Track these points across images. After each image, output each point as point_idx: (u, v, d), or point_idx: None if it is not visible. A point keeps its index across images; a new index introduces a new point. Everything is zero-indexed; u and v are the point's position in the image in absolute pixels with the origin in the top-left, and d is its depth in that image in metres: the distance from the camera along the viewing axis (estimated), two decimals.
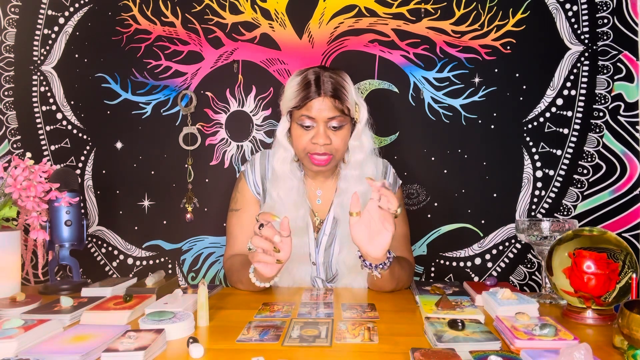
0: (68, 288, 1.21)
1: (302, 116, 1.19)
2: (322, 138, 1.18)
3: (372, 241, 1.02)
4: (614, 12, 1.52)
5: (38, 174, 1.18)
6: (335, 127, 1.20)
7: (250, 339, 0.83)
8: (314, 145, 1.20)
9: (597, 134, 1.53)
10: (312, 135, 1.20)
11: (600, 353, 0.75)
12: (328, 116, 1.18)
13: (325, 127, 1.19)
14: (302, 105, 1.19)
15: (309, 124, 1.20)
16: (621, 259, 0.90)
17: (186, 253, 1.68)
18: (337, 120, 1.19)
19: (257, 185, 1.32)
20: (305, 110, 1.19)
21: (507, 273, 1.58)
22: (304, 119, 1.19)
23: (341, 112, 1.19)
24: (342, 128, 1.21)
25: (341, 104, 1.18)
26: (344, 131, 1.22)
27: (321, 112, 1.18)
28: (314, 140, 1.19)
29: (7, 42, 1.72)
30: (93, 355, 0.74)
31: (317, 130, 1.19)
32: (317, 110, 1.18)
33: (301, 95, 1.18)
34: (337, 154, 1.23)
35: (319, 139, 1.18)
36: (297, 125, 1.22)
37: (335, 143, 1.21)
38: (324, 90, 1.17)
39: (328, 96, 1.17)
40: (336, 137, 1.21)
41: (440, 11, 1.58)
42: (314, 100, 1.17)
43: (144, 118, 1.68)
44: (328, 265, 1.30)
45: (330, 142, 1.20)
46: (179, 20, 1.66)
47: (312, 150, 1.21)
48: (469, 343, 0.76)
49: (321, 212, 1.32)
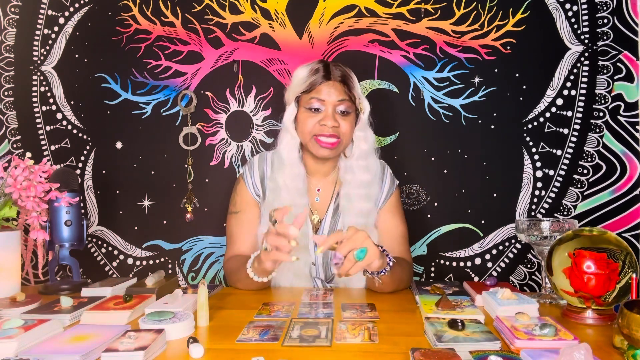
0: (68, 288, 1.22)
1: (312, 99, 1.23)
2: (330, 120, 1.21)
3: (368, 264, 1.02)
4: (614, 12, 1.52)
5: (38, 174, 1.18)
6: (343, 112, 1.23)
7: (250, 339, 0.83)
8: (322, 127, 1.22)
9: (597, 134, 1.53)
10: (320, 118, 1.23)
11: (600, 353, 0.75)
12: (337, 98, 1.22)
13: (334, 110, 1.23)
14: (312, 89, 1.22)
15: (317, 106, 1.22)
16: (621, 259, 0.90)
17: (186, 253, 1.67)
18: (345, 105, 1.23)
19: (256, 187, 1.32)
20: (315, 93, 1.22)
21: (507, 273, 1.58)
22: (313, 102, 1.22)
23: (349, 98, 1.23)
24: (349, 115, 1.25)
25: (349, 91, 1.23)
26: (351, 118, 1.26)
27: (330, 95, 1.22)
28: (323, 122, 1.22)
29: (7, 42, 1.72)
30: (93, 355, 0.74)
31: (326, 113, 1.22)
32: (326, 93, 1.22)
33: (311, 80, 1.23)
34: (345, 138, 1.25)
35: (328, 121, 1.21)
36: (305, 110, 1.24)
37: (343, 127, 1.23)
38: (333, 75, 1.23)
39: (337, 81, 1.22)
40: (344, 122, 1.24)
41: (440, 11, 1.58)
42: (323, 84, 1.22)
43: (144, 118, 1.68)
44: (327, 265, 1.30)
45: (338, 125, 1.22)
46: (179, 20, 1.66)
47: (320, 132, 1.23)
48: (469, 343, 0.76)
49: (320, 210, 1.32)
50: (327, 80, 1.22)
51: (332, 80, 1.22)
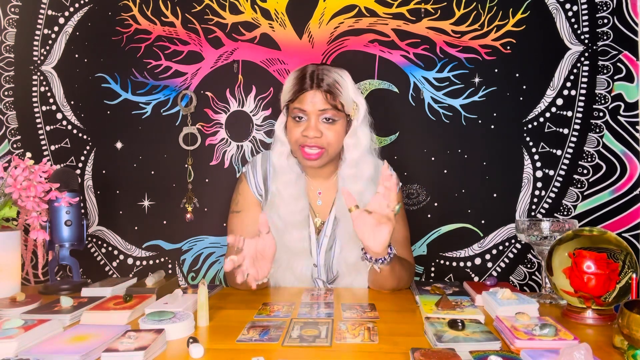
0: (68, 288, 1.22)
1: (295, 109, 1.22)
2: (312, 130, 1.19)
3: (374, 235, 1.04)
4: (614, 12, 1.52)
5: (38, 174, 1.18)
6: (328, 119, 1.21)
7: (250, 339, 0.83)
8: (304, 138, 1.21)
9: (597, 134, 1.53)
10: (304, 127, 1.21)
11: (600, 353, 0.75)
12: (319, 108, 1.19)
13: (316, 120, 1.20)
14: (296, 98, 1.21)
15: (300, 115, 1.21)
16: (621, 259, 0.90)
17: (186, 253, 1.67)
18: (329, 114, 1.20)
19: (259, 187, 1.32)
20: (297, 103, 1.21)
21: (507, 273, 1.58)
22: (297, 112, 1.21)
23: (333, 107, 1.20)
24: (335, 123, 1.22)
25: (334, 99, 1.19)
26: (338, 126, 1.23)
27: (313, 105, 1.19)
28: (305, 133, 1.20)
29: (7, 42, 1.72)
30: (93, 355, 0.74)
31: (309, 123, 1.21)
32: (308, 103, 1.20)
33: (295, 89, 1.21)
34: (330, 148, 1.23)
35: (309, 132, 1.20)
36: (291, 119, 1.24)
37: (327, 137, 1.21)
38: (316, 83, 1.19)
39: (321, 90, 1.19)
40: (329, 132, 1.21)
41: (440, 11, 1.58)
42: (306, 93, 1.19)
43: (144, 118, 1.68)
44: (329, 267, 1.30)
45: (320, 135, 1.20)
46: (179, 20, 1.66)
47: (303, 143, 1.22)
48: (469, 343, 0.76)
49: (322, 213, 1.32)
50: (310, 90, 1.19)
51: (314, 89, 1.18)
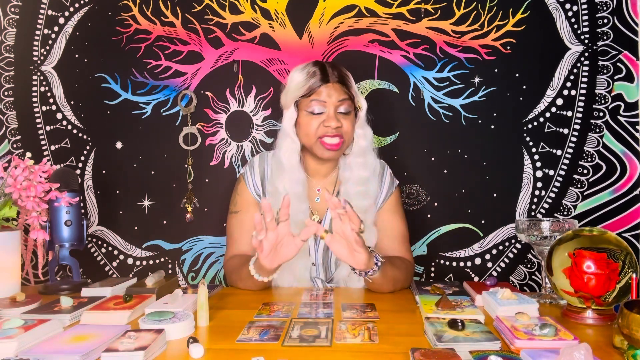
0: (68, 288, 1.22)
1: (313, 102, 1.23)
2: (333, 121, 1.22)
3: (352, 256, 1.04)
4: (614, 12, 1.52)
5: (38, 174, 1.18)
6: (343, 112, 1.24)
7: (250, 339, 0.83)
8: (326, 129, 1.23)
9: (597, 134, 1.53)
10: (323, 119, 1.23)
11: (600, 353, 0.75)
12: (338, 99, 1.23)
13: (335, 111, 1.23)
14: (311, 92, 1.23)
15: (319, 109, 1.23)
16: (621, 259, 0.90)
17: (186, 253, 1.67)
18: (346, 104, 1.24)
19: (257, 187, 1.33)
20: (315, 95, 1.23)
21: (507, 273, 1.58)
22: (314, 105, 1.23)
23: (349, 97, 1.24)
24: (349, 114, 1.26)
25: (348, 90, 1.24)
26: (351, 117, 1.27)
27: (331, 96, 1.23)
28: (326, 124, 1.22)
29: (7, 42, 1.72)
30: (93, 355, 0.74)
31: (328, 114, 1.23)
32: (326, 95, 1.23)
33: (309, 83, 1.23)
34: (347, 137, 1.26)
35: (331, 122, 1.22)
36: (306, 113, 1.25)
37: (344, 127, 1.25)
38: (331, 77, 1.23)
39: (336, 82, 1.23)
40: (345, 122, 1.25)
41: (440, 11, 1.58)
42: (322, 86, 1.23)
43: (144, 118, 1.68)
44: (327, 265, 1.30)
45: (341, 125, 1.23)
46: (179, 20, 1.66)
47: (324, 134, 1.23)
48: (469, 343, 0.76)
49: (320, 210, 1.32)
50: (327, 83, 1.23)
51: (330, 82, 1.23)
